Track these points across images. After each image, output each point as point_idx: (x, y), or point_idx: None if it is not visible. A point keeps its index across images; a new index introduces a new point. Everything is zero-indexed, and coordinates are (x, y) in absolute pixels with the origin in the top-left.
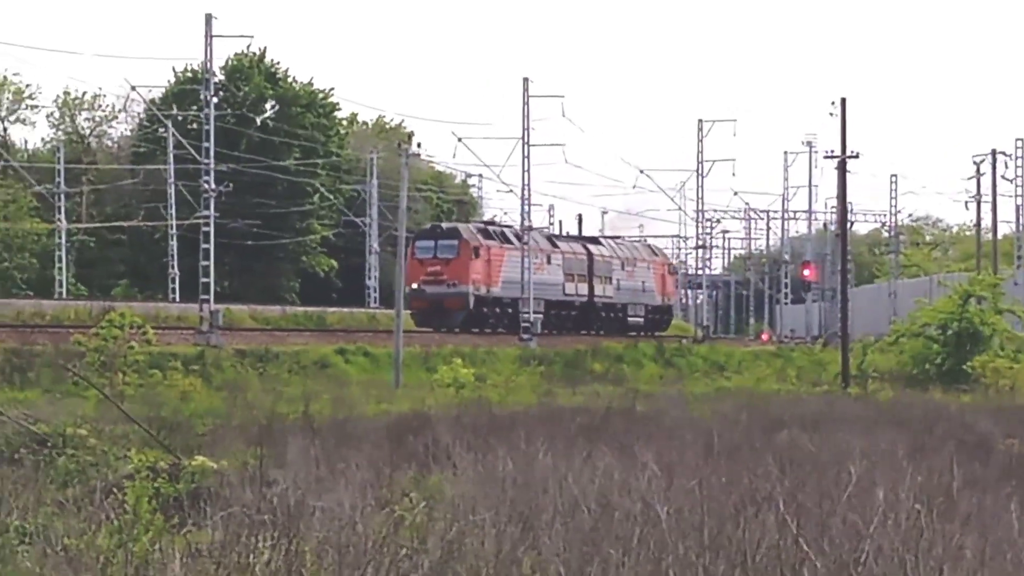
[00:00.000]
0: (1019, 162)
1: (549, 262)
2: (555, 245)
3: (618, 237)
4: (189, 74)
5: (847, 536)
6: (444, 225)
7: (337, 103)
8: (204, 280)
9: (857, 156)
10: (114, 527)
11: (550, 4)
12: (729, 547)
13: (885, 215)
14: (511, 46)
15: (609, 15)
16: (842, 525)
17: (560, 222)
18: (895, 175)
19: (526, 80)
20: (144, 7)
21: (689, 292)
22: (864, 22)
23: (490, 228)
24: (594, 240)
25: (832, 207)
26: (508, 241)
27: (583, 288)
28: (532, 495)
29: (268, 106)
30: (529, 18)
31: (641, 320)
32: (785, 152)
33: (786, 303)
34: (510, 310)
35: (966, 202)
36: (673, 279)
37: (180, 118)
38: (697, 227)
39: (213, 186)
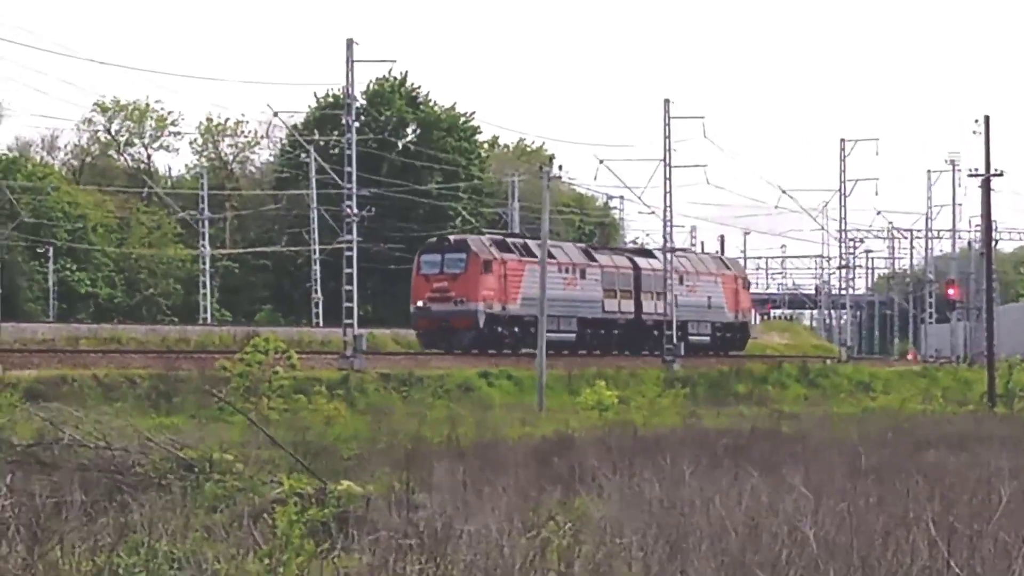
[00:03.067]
0: None
1: (583, 277)
2: (592, 258)
3: (682, 250)
4: (331, 99)
5: (999, 557)
6: (452, 237)
7: (478, 126)
8: (347, 304)
9: (1001, 174)
10: (264, 552)
11: (691, 26)
12: (879, 569)
13: None
14: (652, 68)
15: (749, 36)
16: (993, 547)
17: (702, 243)
18: None
19: (667, 101)
20: (286, 33)
21: (833, 312)
22: (1007, 38)
23: (509, 240)
24: (646, 253)
25: (976, 225)
26: (531, 254)
27: (628, 305)
28: (679, 517)
29: (409, 130)
30: (670, 40)
31: (706, 339)
32: (928, 171)
33: (931, 322)
34: (532, 329)
35: None
36: (748, 294)
37: (322, 143)
38: (840, 247)
39: (355, 210)
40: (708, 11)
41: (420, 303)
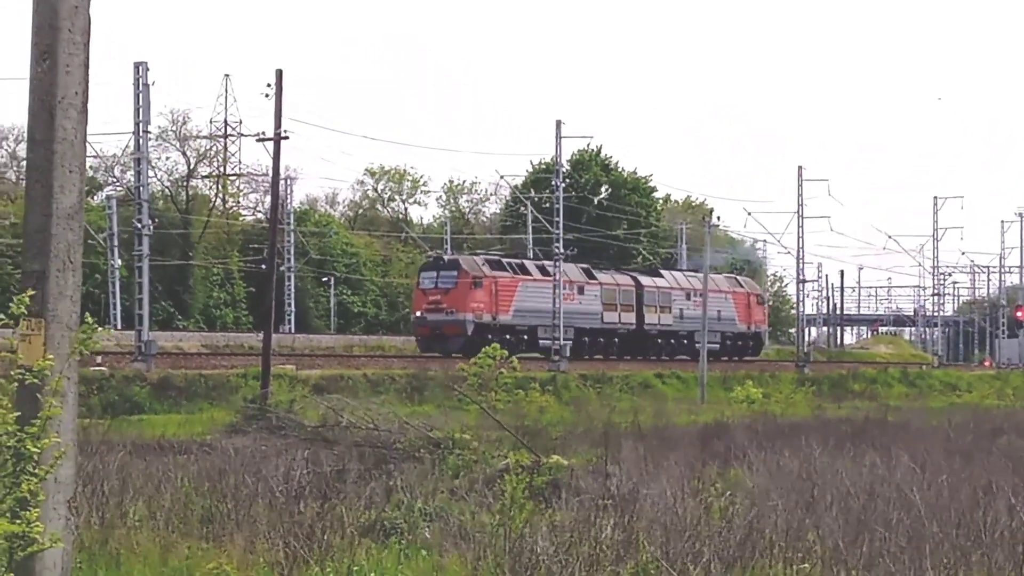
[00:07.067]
0: None
1: (582, 292)
2: (591, 277)
3: (695, 271)
4: (543, 166)
5: None
6: (445, 257)
7: (655, 186)
8: (555, 322)
9: None
10: (497, 508)
11: (820, 109)
12: (970, 526)
13: None
14: (790, 141)
15: (867, 113)
16: None
17: (827, 276)
18: None
19: (800, 168)
20: (509, 114)
21: (927, 329)
22: None
23: (505, 260)
24: (653, 273)
25: None
26: (526, 272)
27: (629, 316)
28: (812, 485)
29: (603, 189)
30: (803, 118)
31: (716, 346)
32: (1002, 221)
33: (1003, 337)
34: (525, 336)
35: None
36: (761, 308)
37: (536, 199)
38: (933, 279)
39: (562, 250)
40: (834, 94)
41: (418, 313)
